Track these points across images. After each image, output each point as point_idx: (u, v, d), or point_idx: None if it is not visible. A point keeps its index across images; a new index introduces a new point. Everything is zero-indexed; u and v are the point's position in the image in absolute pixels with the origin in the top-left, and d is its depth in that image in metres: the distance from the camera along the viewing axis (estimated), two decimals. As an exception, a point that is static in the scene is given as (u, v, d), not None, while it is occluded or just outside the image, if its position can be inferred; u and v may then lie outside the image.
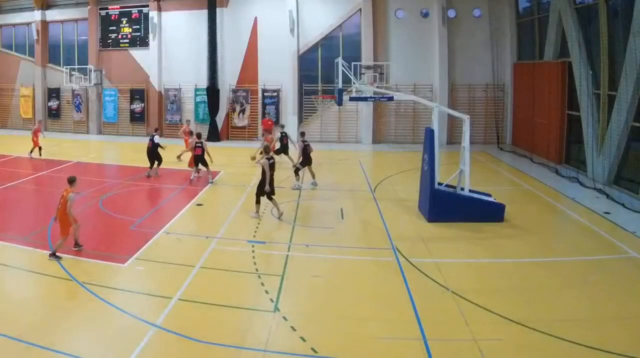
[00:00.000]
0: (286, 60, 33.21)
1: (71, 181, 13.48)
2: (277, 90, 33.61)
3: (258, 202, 16.71)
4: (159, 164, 22.80)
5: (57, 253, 13.01)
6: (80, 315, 10.34)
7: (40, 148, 27.03)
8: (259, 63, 34.15)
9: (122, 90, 37.03)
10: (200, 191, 20.49)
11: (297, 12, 32.95)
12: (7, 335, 9.24)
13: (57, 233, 13.47)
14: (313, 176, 21.17)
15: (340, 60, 21.01)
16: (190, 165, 22.76)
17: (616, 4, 20.73)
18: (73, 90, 37.91)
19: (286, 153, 24.38)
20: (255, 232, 15.55)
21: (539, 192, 20.44)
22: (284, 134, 24.66)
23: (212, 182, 21.48)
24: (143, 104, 36.34)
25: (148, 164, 22.93)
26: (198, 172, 22.23)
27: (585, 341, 9.08)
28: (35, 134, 27.13)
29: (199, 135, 22.24)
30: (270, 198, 16.56)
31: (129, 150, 30.37)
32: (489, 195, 17.28)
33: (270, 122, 30.14)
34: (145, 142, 23.96)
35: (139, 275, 12.51)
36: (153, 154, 22.67)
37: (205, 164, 21.59)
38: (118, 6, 36.86)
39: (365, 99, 21.97)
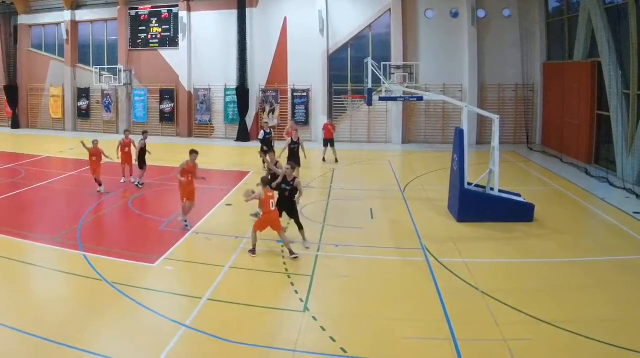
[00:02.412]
0: (316, 60, 34.47)
1: (265, 182, 14.31)
2: (307, 90, 34.95)
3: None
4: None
5: (293, 250, 13.73)
6: (110, 315, 10.71)
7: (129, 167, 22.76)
8: (288, 63, 35.46)
9: (151, 90, 38.69)
10: (230, 191, 20.98)
11: (326, 12, 34.25)
12: (36, 334, 9.59)
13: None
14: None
15: (369, 60, 21.60)
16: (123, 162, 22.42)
17: (646, 3, 21.19)
18: (103, 90, 39.67)
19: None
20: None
21: (568, 192, 20.92)
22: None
23: (141, 185, 21.85)
24: (173, 104, 37.98)
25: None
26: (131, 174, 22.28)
27: (615, 341, 9.29)
28: (123, 148, 22.38)
29: (144, 133, 22.75)
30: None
31: (158, 150, 29.33)
32: (519, 195, 17.68)
33: (331, 126, 29.05)
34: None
35: (168, 275, 12.97)
36: (268, 146, 23.30)
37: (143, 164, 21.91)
38: (148, 6, 38.55)
39: (394, 99, 22.33)
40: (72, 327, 9.95)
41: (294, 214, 14.85)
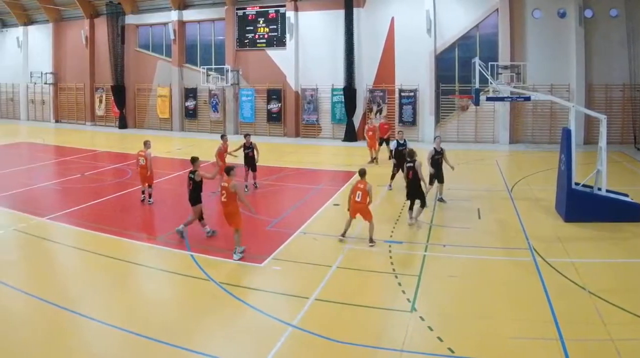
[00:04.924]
0: (423, 60, 39.87)
1: (362, 174, 16.45)
2: (414, 90, 40.50)
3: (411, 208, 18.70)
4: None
5: (373, 238, 16.17)
6: (217, 315, 12.00)
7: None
8: (395, 63, 41.17)
9: (258, 90, 45.31)
10: (337, 191, 23.25)
11: (434, 12, 39.60)
12: (143, 334, 10.76)
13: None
14: None
15: (477, 60, 23.60)
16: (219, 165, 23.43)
17: None
18: (210, 90, 46.53)
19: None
20: (392, 232, 17.72)
21: (676, 192, 22.45)
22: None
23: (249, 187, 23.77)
24: (280, 104, 44.44)
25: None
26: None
27: None
28: (220, 155, 23.80)
29: (247, 136, 24.44)
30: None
31: (265, 151, 30.86)
32: (626, 195, 19.22)
33: (387, 126, 32.98)
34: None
35: (275, 275, 14.34)
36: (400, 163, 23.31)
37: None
38: (255, 6, 45.10)
39: (502, 99, 23.96)
40: (179, 327, 11.23)
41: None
